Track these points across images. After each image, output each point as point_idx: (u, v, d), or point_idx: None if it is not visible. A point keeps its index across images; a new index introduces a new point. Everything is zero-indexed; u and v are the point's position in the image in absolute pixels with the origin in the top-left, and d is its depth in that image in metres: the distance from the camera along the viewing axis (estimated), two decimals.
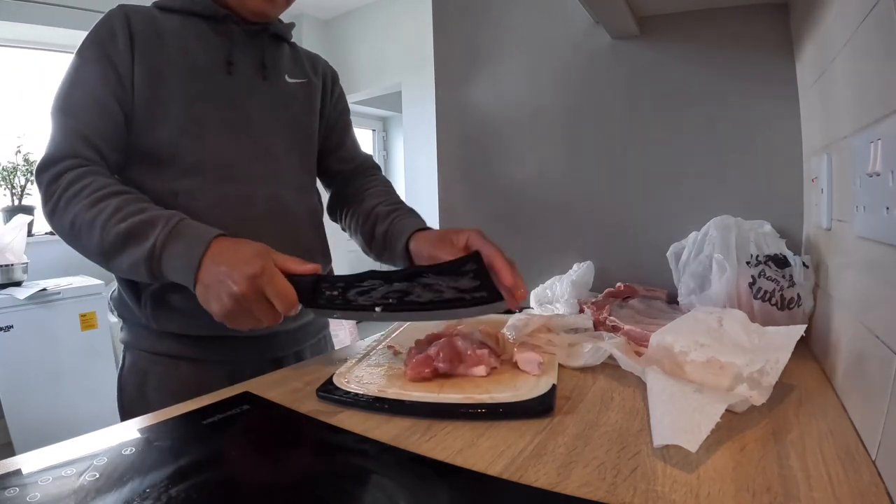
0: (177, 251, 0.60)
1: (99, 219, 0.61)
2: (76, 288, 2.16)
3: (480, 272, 0.59)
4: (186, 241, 0.60)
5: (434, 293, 0.57)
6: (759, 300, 0.66)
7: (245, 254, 0.58)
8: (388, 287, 0.58)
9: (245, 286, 0.56)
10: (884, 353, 0.38)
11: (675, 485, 0.35)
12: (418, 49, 3.36)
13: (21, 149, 2.50)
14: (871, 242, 0.43)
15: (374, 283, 0.59)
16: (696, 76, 0.89)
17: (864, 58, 0.46)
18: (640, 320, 0.69)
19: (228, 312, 0.57)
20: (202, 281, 0.59)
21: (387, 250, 0.80)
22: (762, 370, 0.47)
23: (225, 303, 0.57)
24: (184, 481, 0.38)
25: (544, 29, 1.03)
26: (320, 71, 0.89)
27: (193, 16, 0.74)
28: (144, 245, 0.60)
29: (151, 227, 0.60)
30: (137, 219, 0.61)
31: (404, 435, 0.46)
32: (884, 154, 0.39)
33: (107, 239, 0.61)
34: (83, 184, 0.64)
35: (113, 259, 0.63)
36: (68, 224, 0.63)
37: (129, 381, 0.74)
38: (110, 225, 0.61)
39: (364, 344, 0.74)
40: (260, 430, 0.49)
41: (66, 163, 0.65)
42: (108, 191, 0.64)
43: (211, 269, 0.58)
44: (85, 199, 0.63)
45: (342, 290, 0.59)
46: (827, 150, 0.62)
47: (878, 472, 0.36)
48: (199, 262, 0.59)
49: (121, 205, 0.62)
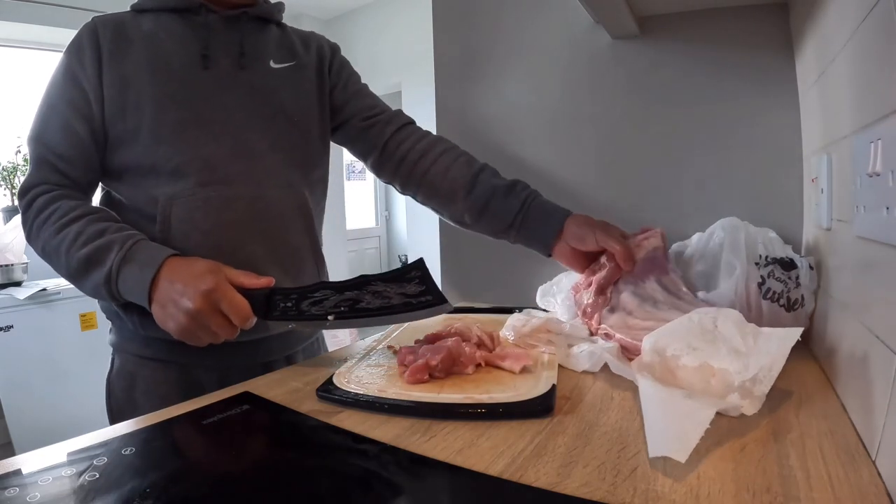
0: (131, 274, 0.62)
1: (63, 245, 0.64)
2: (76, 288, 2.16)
3: (425, 278, 0.63)
4: (140, 263, 0.62)
5: (383, 300, 0.61)
6: (767, 300, 0.66)
7: (197, 270, 0.60)
8: (339, 297, 0.62)
9: (199, 302, 0.58)
10: (884, 353, 0.38)
11: (675, 485, 0.35)
12: (418, 49, 3.36)
13: (21, 149, 2.50)
14: (871, 242, 0.43)
15: (325, 294, 0.62)
16: (696, 76, 0.89)
17: (864, 58, 0.46)
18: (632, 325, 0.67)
19: (185, 329, 0.59)
20: (157, 301, 0.61)
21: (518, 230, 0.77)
22: (755, 378, 0.45)
23: (181, 320, 0.59)
24: (184, 481, 0.38)
25: (544, 29, 1.03)
26: (313, 47, 0.83)
27: (167, 12, 0.72)
28: (102, 270, 0.62)
29: (108, 252, 0.62)
30: (95, 244, 0.63)
31: (404, 435, 0.46)
32: (884, 154, 0.39)
33: (71, 264, 0.64)
34: (50, 210, 0.66)
35: (78, 283, 0.66)
36: (41, 249, 0.67)
37: (118, 385, 0.74)
38: (73, 251, 0.63)
39: (364, 344, 0.74)
40: (260, 430, 0.49)
41: (35, 190, 0.68)
42: (72, 216, 0.66)
43: (165, 289, 0.60)
44: (52, 225, 0.65)
45: (295, 301, 0.62)
46: (827, 150, 0.62)
47: (878, 472, 0.36)
48: (150, 283, 0.61)
49: (82, 229, 0.64)
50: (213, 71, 0.72)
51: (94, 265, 0.63)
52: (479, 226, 0.81)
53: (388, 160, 0.85)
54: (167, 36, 0.71)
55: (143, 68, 0.68)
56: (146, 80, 0.68)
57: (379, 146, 0.84)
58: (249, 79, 0.74)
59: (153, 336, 0.71)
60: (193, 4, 0.72)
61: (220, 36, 0.73)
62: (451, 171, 0.81)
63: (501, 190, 0.78)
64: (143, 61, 0.69)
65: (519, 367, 0.57)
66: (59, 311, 2.12)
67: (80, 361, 2.10)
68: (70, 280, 0.66)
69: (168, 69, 0.69)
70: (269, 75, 0.76)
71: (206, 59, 0.71)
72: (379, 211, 5.49)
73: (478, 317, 0.86)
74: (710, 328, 0.53)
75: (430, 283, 0.63)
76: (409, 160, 0.83)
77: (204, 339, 0.61)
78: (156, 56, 0.69)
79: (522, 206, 0.77)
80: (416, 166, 0.83)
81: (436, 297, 0.62)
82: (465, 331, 0.66)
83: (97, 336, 2.22)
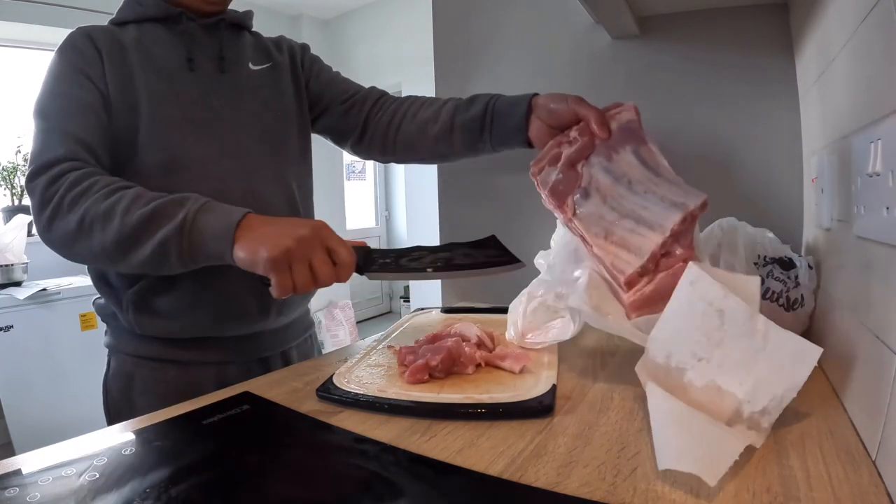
0: (212, 220, 0.58)
1: (118, 207, 0.59)
2: (76, 288, 2.16)
3: (501, 247, 0.72)
4: (220, 211, 0.59)
5: (471, 259, 0.68)
6: (767, 300, 0.66)
7: (294, 219, 0.60)
8: (433, 255, 0.68)
9: (310, 232, 0.57)
10: (884, 353, 0.38)
11: (675, 485, 0.35)
12: (418, 49, 3.36)
13: (21, 149, 2.50)
14: (871, 242, 0.43)
15: (421, 253, 0.68)
16: (696, 76, 0.89)
17: (864, 58, 0.46)
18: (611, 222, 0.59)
19: (287, 252, 0.55)
20: (248, 238, 0.57)
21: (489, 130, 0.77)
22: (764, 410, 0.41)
23: (285, 243, 0.55)
24: (184, 481, 0.38)
25: (544, 29, 1.03)
26: (285, 48, 0.87)
27: (148, 22, 0.74)
28: (173, 221, 0.58)
29: (179, 207, 0.59)
30: (163, 200, 0.59)
31: (404, 435, 0.46)
32: (884, 154, 0.39)
33: (128, 223, 0.58)
34: (90, 182, 0.61)
35: (134, 245, 0.59)
36: (75, 223, 0.60)
37: (115, 386, 0.74)
38: (133, 210, 0.58)
39: (364, 344, 0.74)
40: (260, 430, 0.49)
41: (65, 165, 0.62)
42: (120, 184, 0.61)
43: (260, 229, 0.57)
44: (95, 193, 0.60)
45: (394, 258, 0.66)
46: (827, 150, 0.62)
47: (878, 472, 0.36)
48: (234, 226, 0.57)
49: (140, 192, 0.61)
50: (198, 73, 0.74)
51: (162, 219, 0.58)
52: (454, 148, 0.82)
53: (370, 135, 0.87)
54: (152, 42, 0.73)
55: (137, 71, 0.70)
56: (141, 81, 0.70)
57: (360, 125, 0.87)
58: (231, 81, 0.77)
59: (150, 335, 0.72)
60: (173, 13, 0.74)
61: (201, 41, 0.76)
62: (419, 114, 0.84)
63: (463, 105, 0.80)
64: (137, 64, 0.70)
65: (519, 367, 0.57)
66: (59, 311, 2.12)
67: (80, 361, 2.10)
68: (115, 248, 0.59)
69: (158, 71, 0.71)
70: (250, 76, 0.80)
71: (191, 63, 0.74)
72: (379, 211, 5.49)
73: (478, 317, 0.86)
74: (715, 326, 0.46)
75: (505, 251, 0.71)
76: (386, 124, 0.86)
77: (297, 277, 0.56)
78: (147, 59, 0.71)
79: (486, 107, 0.77)
80: (390, 126, 0.86)
81: (512, 259, 0.70)
82: (465, 332, 0.66)
83: (97, 336, 2.21)
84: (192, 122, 0.72)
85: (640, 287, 0.58)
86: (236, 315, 0.73)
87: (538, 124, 0.72)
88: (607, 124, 0.66)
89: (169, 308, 0.70)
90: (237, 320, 0.74)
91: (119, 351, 0.75)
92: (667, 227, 0.56)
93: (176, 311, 0.70)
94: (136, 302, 0.70)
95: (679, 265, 0.56)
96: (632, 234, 0.58)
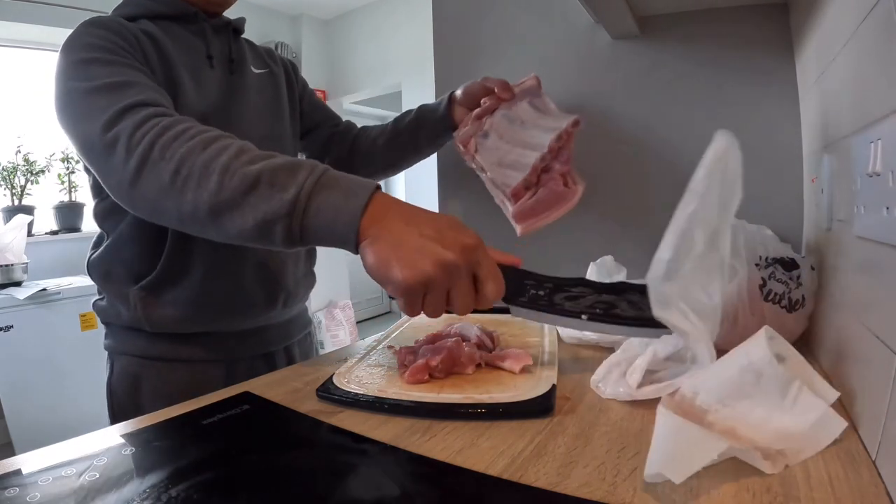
0: (332, 202, 0.47)
1: (218, 161, 0.49)
2: (76, 288, 2.16)
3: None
4: (342, 191, 0.48)
5: (637, 311, 0.56)
6: (769, 302, 0.66)
7: (448, 220, 0.48)
8: (596, 297, 0.57)
9: (461, 256, 0.46)
10: (884, 353, 0.38)
11: (674, 485, 0.35)
12: (418, 49, 3.36)
13: (21, 149, 2.50)
14: (871, 242, 0.43)
15: (583, 291, 0.57)
16: (696, 76, 0.89)
17: (864, 58, 0.46)
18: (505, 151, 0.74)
19: (427, 281, 0.45)
20: (384, 239, 0.46)
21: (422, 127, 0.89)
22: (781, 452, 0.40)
23: (427, 270, 0.45)
24: (184, 481, 0.38)
25: (544, 29, 1.03)
26: (278, 60, 0.91)
27: (162, 19, 0.73)
28: (284, 195, 0.47)
29: (292, 175, 0.48)
30: (272, 163, 0.49)
31: (404, 435, 0.46)
32: (884, 154, 0.39)
33: (227, 185, 0.48)
34: (184, 126, 0.52)
35: (232, 213, 0.49)
36: (169, 175, 0.50)
37: (120, 388, 0.73)
38: (235, 167, 0.48)
39: (364, 344, 0.74)
40: (260, 430, 0.49)
41: (152, 109, 0.53)
42: (219, 132, 0.52)
43: (398, 228, 0.47)
44: (192, 139, 0.50)
45: (549, 291, 0.56)
46: (827, 150, 0.62)
47: (878, 472, 0.36)
48: (360, 212, 0.47)
49: (244, 146, 0.51)
50: (216, 71, 0.75)
51: (270, 188, 0.48)
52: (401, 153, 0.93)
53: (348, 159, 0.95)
54: (169, 39, 0.71)
55: (157, 66, 0.67)
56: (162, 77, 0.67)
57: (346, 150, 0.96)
58: (240, 82, 0.79)
59: (158, 332, 0.71)
60: (190, 12, 0.74)
61: (213, 41, 0.77)
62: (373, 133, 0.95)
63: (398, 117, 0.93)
64: (156, 60, 0.67)
65: (519, 367, 0.57)
66: (59, 311, 2.12)
67: (80, 361, 2.10)
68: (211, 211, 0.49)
69: (178, 67, 0.70)
70: (253, 80, 0.81)
71: (210, 60, 0.75)
72: None
73: (478, 317, 0.86)
74: (750, 382, 0.44)
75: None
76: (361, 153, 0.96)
77: (428, 309, 0.48)
78: (165, 55, 0.69)
79: (417, 110, 0.91)
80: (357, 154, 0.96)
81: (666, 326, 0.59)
82: (465, 331, 0.66)
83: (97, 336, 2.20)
84: (210, 117, 0.71)
85: (524, 199, 0.72)
86: (245, 305, 0.74)
87: (460, 109, 0.85)
88: (510, 88, 0.79)
89: (178, 299, 0.70)
90: (245, 311, 0.75)
91: (123, 353, 0.74)
92: (545, 145, 0.71)
93: (185, 303, 0.70)
94: (144, 297, 0.70)
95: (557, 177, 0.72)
96: (520, 157, 0.72)
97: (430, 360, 0.57)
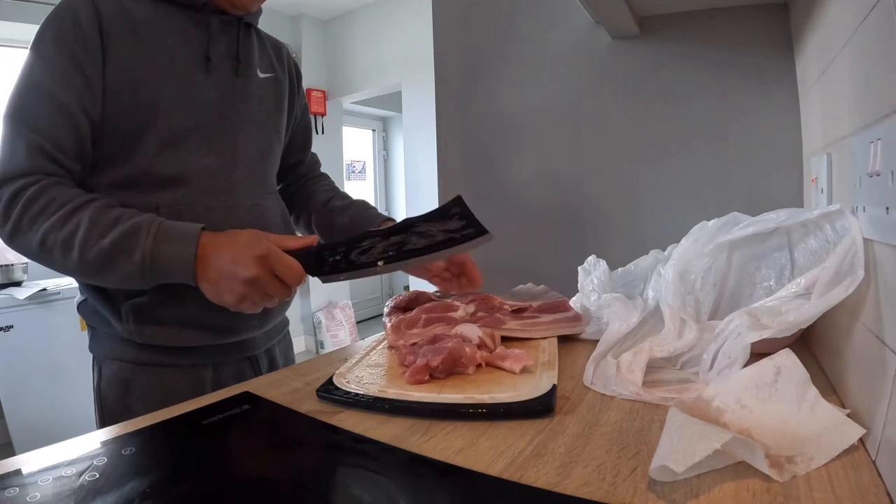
0: (170, 255, 0.59)
1: (76, 238, 0.58)
2: (76, 288, 2.15)
3: (465, 213, 0.64)
4: (176, 243, 0.59)
5: (427, 238, 0.62)
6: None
7: (243, 240, 0.60)
8: (385, 242, 0.63)
9: (256, 269, 0.58)
10: (884, 353, 0.38)
11: (674, 485, 0.35)
12: (418, 49, 3.36)
13: None
14: (872, 242, 0.43)
15: (372, 241, 0.63)
16: (697, 76, 0.89)
17: (864, 58, 0.46)
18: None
19: (244, 297, 0.59)
20: (207, 277, 0.59)
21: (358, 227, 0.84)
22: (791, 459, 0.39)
23: (239, 290, 0.58)
24: (184, 481, 0.38)
25: (544, 29, 1.03)
26: (285, 63, 0.85)
27: (166, 3, 0.68)
28: (133, 257, 0.58)
29: (135, 238, 0.59)
30: (118, 231, 0.59)
31: (404, 435, 0.46)
32: (884, 154, 0.39)
33: (88, 257, 0.58)
34: (46, 200, 0.59)
35: (98, 275, 0.61)
36: (37, 244, 0.59)
37: (110, 394, 0.70)
38: (91, 242, 0.58)
39: (364, 344, 0.74)
40: (260, 430, 0.49)
41: (24, 180, 0.60)
42: (75, 203, 0.60)
43: (214, 264, 0.59)
44: (52, 215, 0.59)
45: (343, 253, 0.62)
46: (827, 150, 0.62)
47: (878, 472, 0.36)
48: (193, 259, 0.59)
49: (95, 219, 0.59)
50: (213, 75, 0.70)
51: (122, 254, 0.58)
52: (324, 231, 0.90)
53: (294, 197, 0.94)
54: (170, 30, 0.67)
55: (151, 64, 0.65)
56: (156, 80, 0.65)
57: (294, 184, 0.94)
58: (243, 85, 0.74)
59: (148, 343, 0.69)
60: (197, 2, 0.69)
61: (218, 38, 0.72)
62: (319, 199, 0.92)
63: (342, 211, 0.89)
64: (150, 59, 0.65)
65: (519, 368, 0.57)
66: (59, 311, 2.12)
67: (80, 361, 2.08)
68: (80, 274, 0.61)
69: (174, 70, 0.67)
70: (258, 84, 0.77)
71: (208, 62, 0.70)
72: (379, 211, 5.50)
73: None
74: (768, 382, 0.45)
75: (470, 217, 0.64)
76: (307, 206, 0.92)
77: (261, 304, 0.61)
78: (162, 52, 0.66)
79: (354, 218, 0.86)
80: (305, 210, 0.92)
81: (477, 229, 0.63)
82: (466, 332, 0.66)
83: None
84: (202, 131, 0.69)
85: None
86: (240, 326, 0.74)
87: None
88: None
89: (171, 319, 0.68)
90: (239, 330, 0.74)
91: (113, 358, 0.71)
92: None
93: (178, 323, 0.68)
94: (138, 311, 0.67)
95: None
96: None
97: (430, 361, 0.57)
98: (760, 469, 0.36)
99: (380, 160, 5.45)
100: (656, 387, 0.53)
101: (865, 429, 0.39)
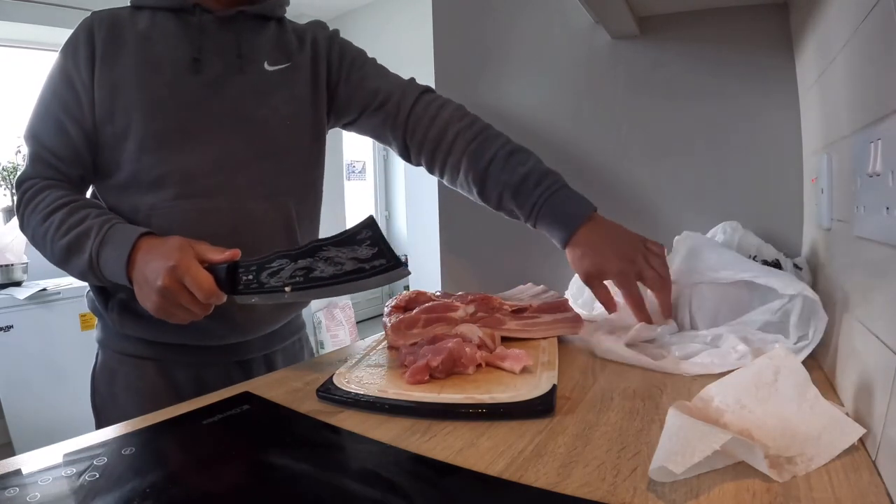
0: (110, 257, 0.62)
1: (48, 235, 0.65)
2: (76, 288, 2.16)
3: (377, 239, 0.59)
4: (115, 245, 0.62)
5: (335, 266, 0.59)
6: None
7: (165, 248, 0.60)
8: (293, 265, 0.59)
9: (166, 279, 0.57)
10: (884, 353, 0.38)
11: (674, 485, 0.35)
12: (418, 49, 3.35)
13: (21, 149, 2.50)
14: (871, 242, 0.43)
15: (281, 263, 0.60)
16: (696, 76, 0.89)
17: (864, 58, 0.46)
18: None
19: (158, 307, 0.59)
20: (136, 281, 0.61)
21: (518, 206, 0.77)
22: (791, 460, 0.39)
23: (153, 299, 0.59)
24: (184, 481, 0.38)
25: (544, 29, 1.03)
26: (308, 42, 0.79)
27: (163, 10, 0.70)
28: (83, 256, 0.63)
29: (86, 238, 0.63)
30: (75, 232, 0.64)
31: (404, 435, 0.46)
32: (884, 154, 0.39)
33: (55, 252, 0.66)
34: (38, 200, 0.67)
35: (66, 269, 0.67)
36: (30, 237, 0.69)
37: (101, 380, 0.75)
38: (56, 240, 0.65)
39: (364, 344, 0.74)
40: (260, 431, 0.49)
41: (28, 182, 0.69)
42: (56, 204, 0.66)
43: (140, 268, 0.61)
44: (38, 214, 0.67)
45: (255, 273, 0.60)
46: (827, 150, 0.62)
47: (878, 472, 0.36)
48: (126, 262, 0.61)
49: (64, 218, 0.65)
50: (203, 75, 0.70)
51: (76, 253, 0.64)
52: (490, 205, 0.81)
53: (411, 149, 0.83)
54: (160, 37, 0.69)
55: (134, 73, 0.67)
56: (135, 85, 0.67)
57: (399, 137, 0.82)
58: (243, 82, 0.72)
59: (130, 334, 0.72)
60: (187, 5, 0.70)
61: (214, 37, 0.71)
62: (463, 164, 0.79)
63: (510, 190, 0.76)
64: (134, 65, 0.67)
65: (519, 368, 0.57)
66: (59, 311, 2.12)
67: (80, 361, 2.08)
68: (58, 266, 0.68)
69: (158, 74, 0.68)
70: (263, 78, 0.74)
71: (197, 63, 0.69)
72: (379, 211, 5.49)
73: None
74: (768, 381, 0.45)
75: (382, 245, 0.58)
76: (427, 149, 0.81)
77: (180, 316, 0.60)
78: (147, 60, 0.68)
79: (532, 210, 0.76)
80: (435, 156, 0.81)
81: (389, 262, 0.58)
82: (467, 332, 0.66)
83: None
84: (185, 131, 0.68)
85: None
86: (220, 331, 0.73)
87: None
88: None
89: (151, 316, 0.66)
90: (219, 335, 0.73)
91: (105, 346, 0.76)
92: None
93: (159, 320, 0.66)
94: (122, 302, 0.71)
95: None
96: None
97: (430, 361, 0.57)
98: (760, 469, 0.36)
99: (380, 160, 5.45)
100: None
101: (865, 429, 0.39)
